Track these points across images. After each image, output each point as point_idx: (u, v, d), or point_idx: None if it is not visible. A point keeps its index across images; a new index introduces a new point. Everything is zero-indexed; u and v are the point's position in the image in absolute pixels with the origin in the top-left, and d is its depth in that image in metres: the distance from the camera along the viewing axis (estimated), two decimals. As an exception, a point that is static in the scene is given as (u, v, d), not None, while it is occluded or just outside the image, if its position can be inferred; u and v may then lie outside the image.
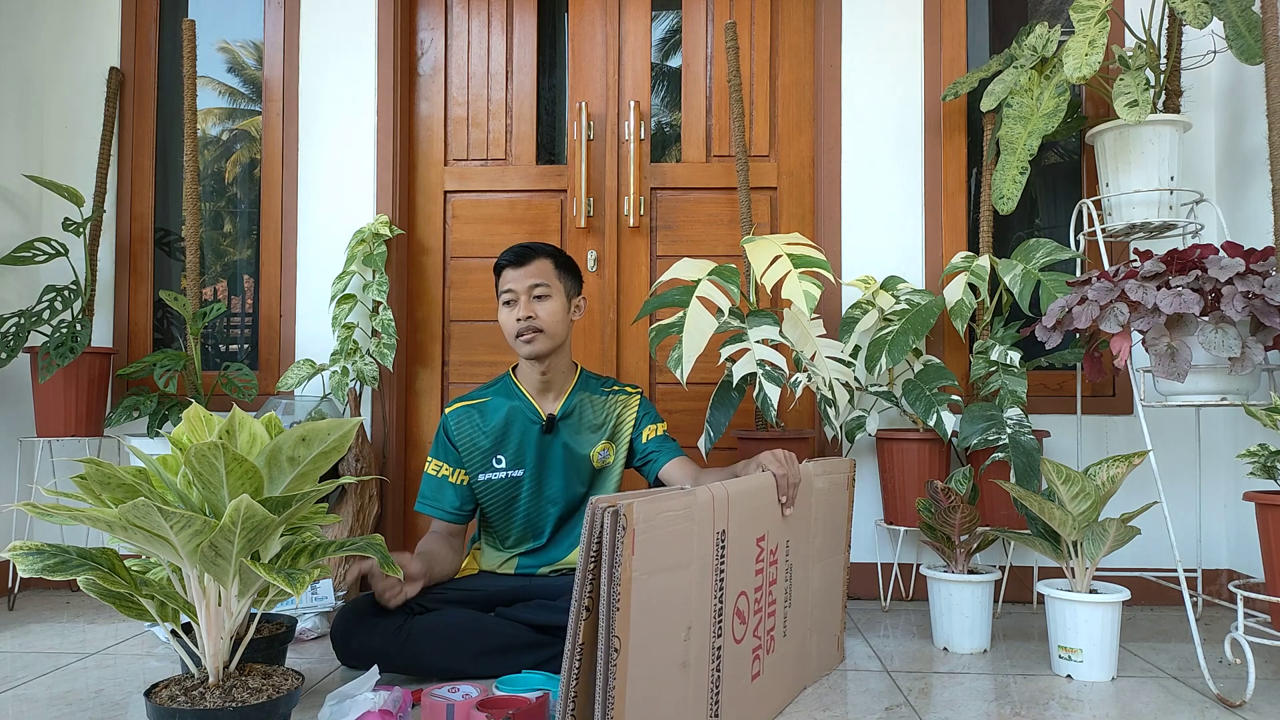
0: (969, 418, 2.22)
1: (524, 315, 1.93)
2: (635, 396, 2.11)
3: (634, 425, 2.08)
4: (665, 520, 1.22)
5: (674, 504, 1.25)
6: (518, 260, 1.97)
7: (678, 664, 1.23)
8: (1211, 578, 2.50)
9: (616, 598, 1.12)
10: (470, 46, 2.88)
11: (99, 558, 1.33)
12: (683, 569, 1.26)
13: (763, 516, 1.52)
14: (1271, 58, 1.84)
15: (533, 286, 1.95)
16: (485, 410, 2.02)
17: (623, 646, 1.12)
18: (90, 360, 2.55)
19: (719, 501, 1.36)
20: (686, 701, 1.24)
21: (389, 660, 1.74)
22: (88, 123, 2.80)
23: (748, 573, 1.44)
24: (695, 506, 1.30)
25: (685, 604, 1.26)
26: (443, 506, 2.00)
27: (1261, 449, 1.71)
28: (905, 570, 2.58)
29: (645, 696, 1.16)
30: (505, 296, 1.97)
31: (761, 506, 1.51)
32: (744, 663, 1.42)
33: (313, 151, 2.77)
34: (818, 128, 2.74)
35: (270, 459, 1.34)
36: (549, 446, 2.01)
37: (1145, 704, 1.70)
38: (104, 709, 1.64)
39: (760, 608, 1.50)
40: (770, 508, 1.55)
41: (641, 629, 1.16)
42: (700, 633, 1.29)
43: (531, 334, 1.94)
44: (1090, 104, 2.63)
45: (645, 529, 1.17)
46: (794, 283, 2.16)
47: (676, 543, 1.25)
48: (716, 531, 1.34)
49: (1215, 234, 2.48)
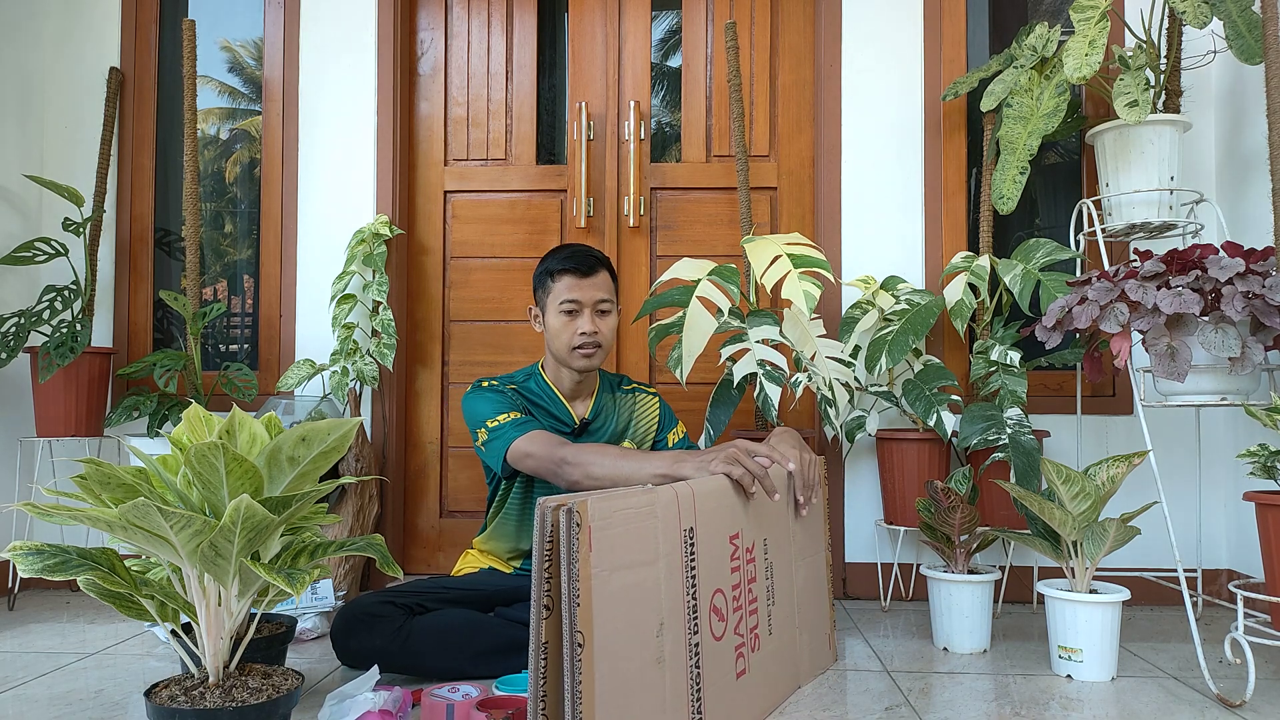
0: (969, 418, 2.22)
1: (590, 330, 1.91)
2: (655, 398, 2.12)
3: (658, 428, 2.09)
4: (624, 517, 1.23)
5: (632, 501, 1.25)
6: (585, 270, 1.93)
7: (652, 660, 1.23)
8: (1211, 578, 2.50)
9: (576, 594, 1.12)
10: (470, 46, 2.88)
11: (99, 558, 1.33)
12: (648, 565, 1.26)
13: (734, 514, 1.52)
14: (1271, 58, 1.84)
15: (599, 301, 1.93)
16: (524, 390, 2.00)
17: (587, 642, 1.13)
18: (90, 360, 2.55)
19: (684, 499, 1.36)
20: (665, 698, 1.24)
21: (389, 660, 1.74)
22: (88, 123, 2.80)
23: (723, 570, 1.44)
24: (658, 504, 1.30)
25: (655, 601, 1.26)
26: (540, 421, 1.90)
27: (1261, 449, 1.71)
28: (905, 570, 2.58)
29: (617, 691, 1.16)
30: (567, 306, 1.92)
31: (732, 504, 1.52)
32: (727, 660, 1.42)
33: (313, 151, 2.77)
34: (818, 128, 2.74)
35: (270, 459, 1.34)
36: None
37: (1145, 704, 1.70)
38: (104, 709, 1.64)
39: (740, 605, 1.50)
40: (741, 506, 1.55)
41: (607, 625, 1.16)
42: (674, 629, 1.29)
43: (593, 349, 1.93)
44: (1090, 104, 2.63)
45: (602, 526, 1.18)
46: (794, 283, 2.16)
47: (640, 539, 1.25)
48: (684, 529, 1.35)
49: (1215, 234, 2.48)
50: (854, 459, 2.63)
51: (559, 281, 1.94)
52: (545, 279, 1.97)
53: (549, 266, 1.97)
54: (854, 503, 2.63)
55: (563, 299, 1.93)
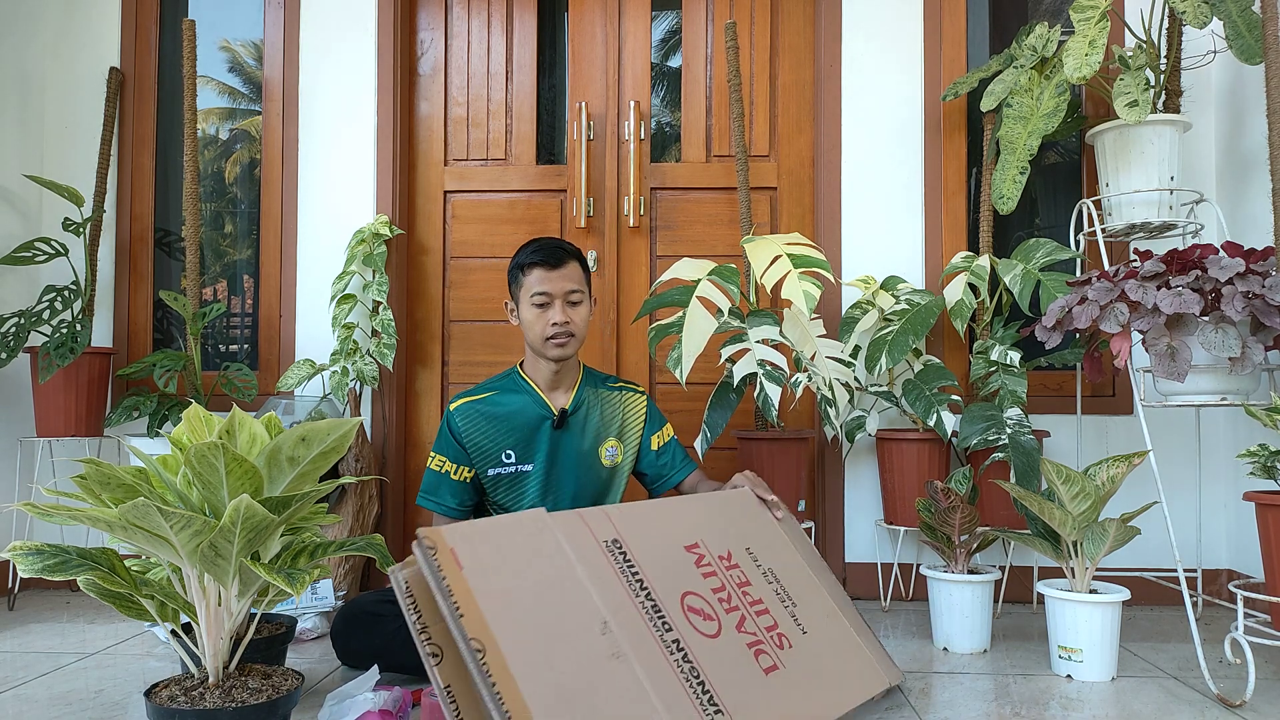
0: (969, 418, 2.22)
1: (561, 320, 1.95)
2: (642, 397, 2.14)
3: (642, 427, 2.11)
4: (500, 533, 1.31)
5: (502, 521, 1.35)
6: (553, 262, 1.97)
7: (605, 655, 1.25)
8: (1211, 578, 2.50)
9: (456, 608, 1.16)
10: (470, 46, 2.88)
11: (99, 558, 1.33)
12: (560, 571, 1.32)
13: (683, 528, 1.60)
14: (1271, 58, 1.84)
15: (569, 291, 1.97)
16: (493, 404, 2.03)
17: (488, 646, 1.15)
18: (90, 360, 2.55)
19: (590, 516, 1.46)
20: (643, 688, 1.25)
21: (389, 660, 1.74)
22: (88, 123, 2.79)
23: (687, 576, 1.50)
24: (543, 519, 1.39)
25: (585, 602, 1.31)
26: (444, 502, 2.02)
27: (1261, 449, 1.71)
28: (905, 570, 2.58)
29: (560, 687, 1.17)
30: (538, 299, 1.96)
31: (674, 520, 1.61)
32: (740, 657, 1.43)
33: (313, 151, 2.77)
34: (818, 128, 2.74)
35: (270, 459, 1.34)
36: (559, 442, 2.02)
37: (1145, 704, 1.70)
38: (104, 709, 1.64)
39: (736, 606, 1.51)
40: (696, 520, 1.65)
41: (515, 629, 1.19)
42: (629, 627, 1.32)
43: (565, 339, 1.97)
44: (1090, 104, 2.63)
45: (465, 541, 1.25)
46: (794, 283, 2.16)
47: (530, 547, 1.33)
48: (603, 541, 1.43)
49: (1215, 234, 2.48)
50: (854, 459, 2.63)
51: (529, 275, 1.98)
52: (517, 273, 2.01)
53: (519, 260, 2.01)
54: (854, 503, 2.63)
55: (534, 291, 1.97)
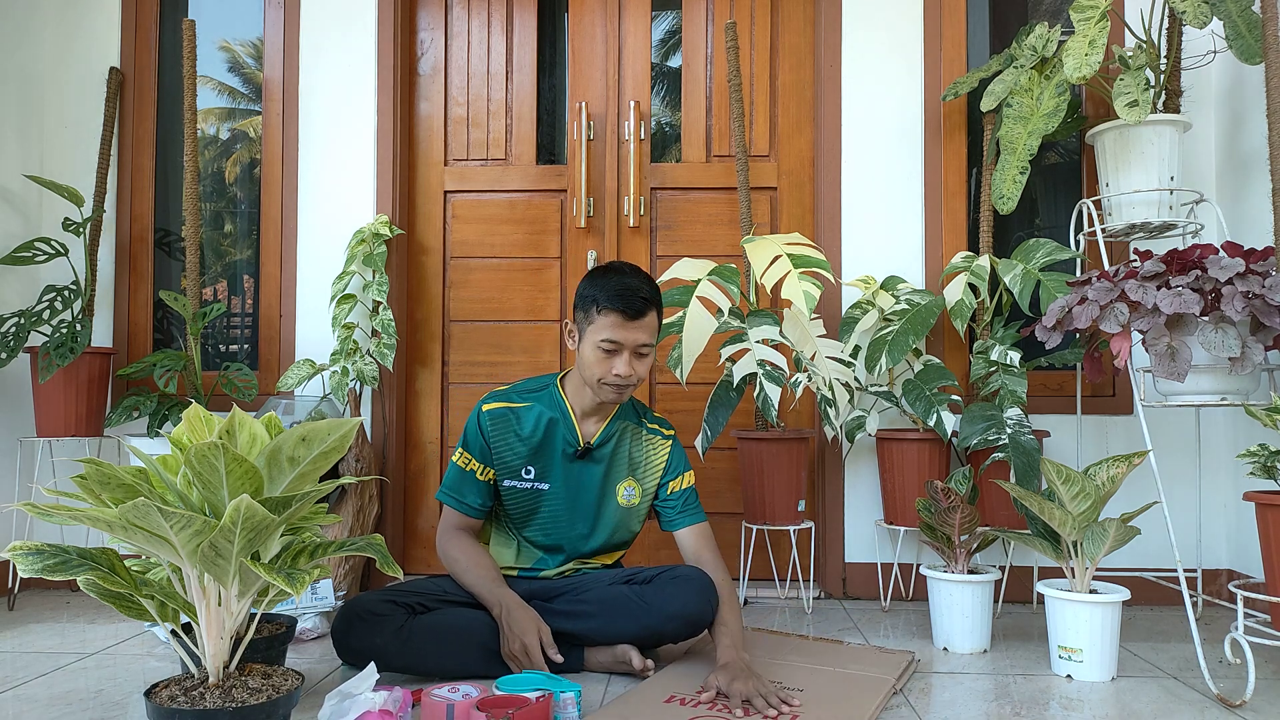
0: (969, 418, 2.22)
1: (625, 373, 1.85)
2: (668, 441, 2.04)
3: (662, 471, 2.02)
4: None
5: None
6: (632, 312, 1.82)
7: None
8: (1211, 578, 2.50)
9: None
10: (470, 46, 2.88)
11: (99, 558, 1.33)
12: None
13: (656, 687, 1.71)
14: (1271, 58, 1.84)
15: (641, 345, 1.86)
16: (523, 417, 1.96)
17: None
18: (90, 360, 2.55)
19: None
20: None
21: (389, 660, 1.74)
22: (88, 123, 2.80)
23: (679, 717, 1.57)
24: None
25: None
26: (467, 501, 1.96)
27: (1261, 449, 1.71)
28: (905, 570, 2.58)
29: None
30: (607, 345, 1.83)
31: (644, 689, 1.70)
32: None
33: (313, 151, 2.77)
34: (818, 128, 2.74)
35: (270, 459, 1.34)
36: (578, 472, 1.97)
37: (1145, 704, 1.70)
38: (104, 709, 1.64)
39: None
40: (671, 675, 1.77)
41: None
42: None
43: (624, 389, 1.89)
44: (1090, 104, 2.63)
45: None
46: (794, 283, 2.16)
47: None
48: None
49: (1215, 234, 2.48)
50: (854, 459, 2.63)
51: (603, 316, 1.83)
52: (590, 306, 1.86)
53: (596, 296, 1.85)
54: (854, 503, 2.63)
55: (603, 336, 1.83)
